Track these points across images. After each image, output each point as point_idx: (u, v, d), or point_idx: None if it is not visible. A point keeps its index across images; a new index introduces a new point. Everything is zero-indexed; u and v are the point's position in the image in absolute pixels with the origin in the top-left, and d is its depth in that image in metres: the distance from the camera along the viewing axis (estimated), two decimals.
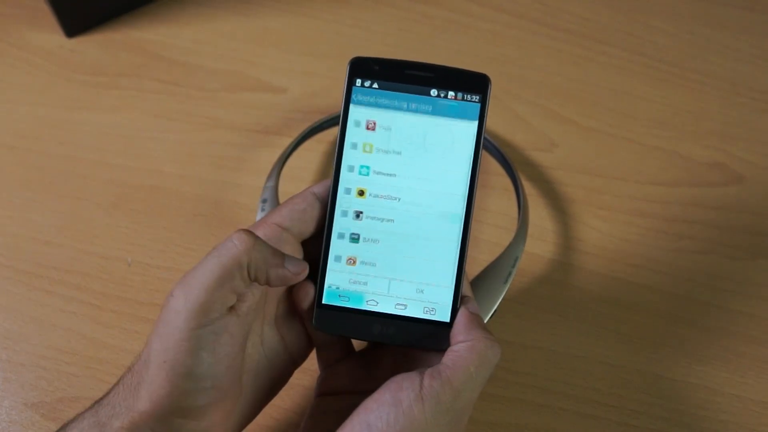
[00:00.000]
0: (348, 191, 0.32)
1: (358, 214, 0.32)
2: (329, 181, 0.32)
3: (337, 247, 0.32)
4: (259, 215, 0.41)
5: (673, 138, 0.51)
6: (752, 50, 0.56)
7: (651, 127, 0.51)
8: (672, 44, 0.56)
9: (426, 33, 0.55)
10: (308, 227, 0.32)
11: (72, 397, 0.39)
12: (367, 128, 0.32)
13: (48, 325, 0.41)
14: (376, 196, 0.32)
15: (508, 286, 0.40)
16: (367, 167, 0.32)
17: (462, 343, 0.29)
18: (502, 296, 0.39)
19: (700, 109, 0.53)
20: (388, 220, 0.32)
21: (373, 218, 0.32)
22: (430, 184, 0.32)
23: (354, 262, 0.32)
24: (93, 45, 0.53)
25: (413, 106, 0.32)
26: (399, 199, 0.32)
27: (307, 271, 0.31)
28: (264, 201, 0.42)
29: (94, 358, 0.40)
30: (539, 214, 0.47)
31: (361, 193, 0.32)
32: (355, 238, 0.32)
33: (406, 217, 0.32)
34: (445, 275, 0.32)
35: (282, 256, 0.30)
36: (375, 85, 0.32)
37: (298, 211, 0.31)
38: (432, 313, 0.31)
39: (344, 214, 0.32)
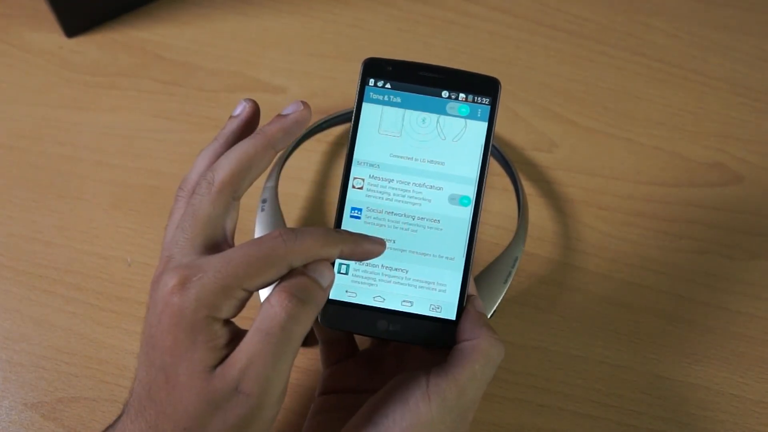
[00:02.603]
0: (358, 189, 0.32)
1: (366, 211, 0.32)
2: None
3: None
4: (259, 215, 0.41)
5: (673, 138, 0.51)
6: (752, 50, 0.56)
7: (651, 127, 0.51)
8: (672, 44, 0.56)
9: (426, 33, 0.55)
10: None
11: (72, 397, 0.39)
12: (379, 127, 0.32)
13: (48, 325, 0.41)
14: (385, 194, 0.32)
15: (508, 286, 0.40)
16: (377, 165, 0.32)
17: (467, 342, 0.29)
18: (502, 296, 0.39)
19: (700, 109, 0.53)
20: (396, 219, 0.32)
21: (381, 216, 0.32)
22: (440, 184, 0.32)
23: None
24: (93, 45, 0.53)
25: (424, 106, 0.32)
26: (408, 198, 0.32)
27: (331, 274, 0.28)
28: (264, 201, 0.42)
29: (94, 358, 0.40)
30: (539, 214, 0.47)
31: (371, 191, 0.32)
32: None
33: (413, 215, 0.32)
34: (453, 274, 0.32)
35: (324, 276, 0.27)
36: (388, 85, 0.32)
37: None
38: (438, 310, 0.32)
39: (353, 210, 0.32)
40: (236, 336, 0.26)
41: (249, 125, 0.31)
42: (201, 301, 0.25)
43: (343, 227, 0.32)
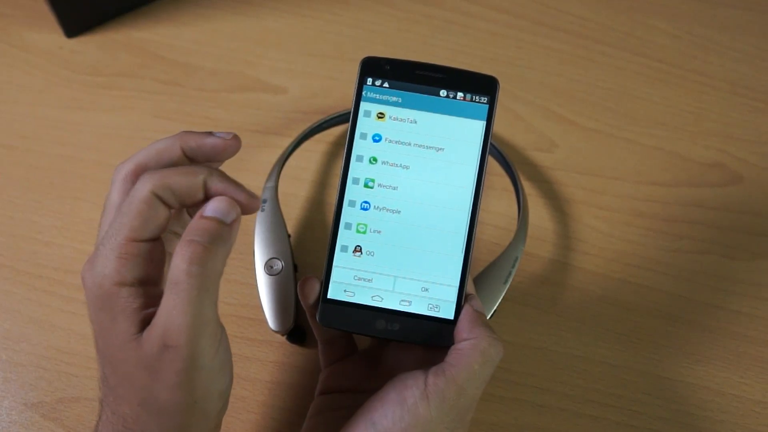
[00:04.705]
0: (356, 187, 0.32)
1: (365, 207, 0.32)
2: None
3: (344, 239, 0.32)
4: (259, 215, 0.41)
5: (673, 138, 0.51)
6: (752, 50, 0.56)
7: (651, 127, 0.51)
8: (672, 44, 0.56)
9: (425, 33, 0.55)
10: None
11: (72, 397, 0.39)
12: (377, 125, 0.32)
13: (48, 325, 0.41)
14: (383, 192, 0.32)
15: (507, 286, 0.40)
16: (376, 163, 0.32)
17: (465, 341, 0.30)
18: (502, 296, 0.39)
19: (700, 109, 0.53)
20: (394, 217, 0.32)
21: (380, 211, 0.32)
22: (438, 181, 0.32)
23: (360, 256, 0.32)
24: (93, 45, 0.53)
25: (422, 104, 0.32)
26: (406, 197, 0.32)
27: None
28: (264, 201, 0.42)
29: (94, 358, 0.40)
30: (539, 214, 0.47)
31: (369, 189, 0.32)
32: (361, 231, 0.32)
33: (412, 213, 0.32)
34: (451, 273, 0.32)
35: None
36: (386, 84, 0.32)
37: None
38: (436, 310, 0.32)
39: (352, 204, 0.32)
40: (154, 296, 0.27)
41: (213, 150, 0.30)
42: (104, 272, 0.26)
43: (338, 242, 0.32)
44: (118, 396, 0.27)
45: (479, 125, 0.32)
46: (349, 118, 0.33)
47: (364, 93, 0.33)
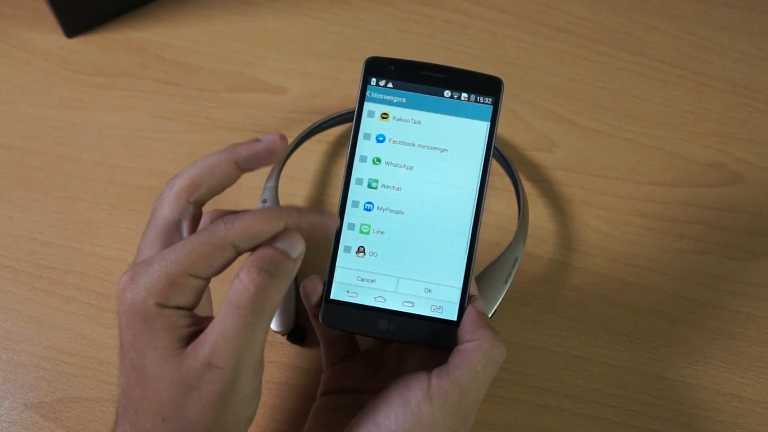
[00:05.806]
0: (360, 187, 0.32)
1: (368, 207, 0.32)
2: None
3: (347, 239, 0.32)
4: None
5: (673, 138, 0.51)
6: (752, 50, 0.56)
7: (651, 127, 0.51)
8: (672, 45, 0.56)
9: (426, 33, 0.55)
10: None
11: (72, 398, 0.39)
12: (381, 126, 0.32)
13: (48, 325, 0.41)
14: (386, 193, 0.32)
15: (508, 286, 0.40)
16: (379, 164, 0.32)
17: (468, 343, 0.30)
18: (502, 296, 0.39)
19: (700, 109, 0.53)
20: (397, 218, 0.32)
21: (383, 212, 0.32)
22: (441, 182, 0.32)
23: (363, 257, 0.32)
24: (93, 45, 0.53)
25: (426, 105, 0.32)
26: (409, 197, 0.32)
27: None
28: (264, 201, 0.42)
29: (94, 359, 0.40)
30: (539, 214, 0.47)
31: (372, 189, 0.32)
32: (365, 231, 0.32)
33: (416, 214, 0.32)
34: (454, 274, 0.32)
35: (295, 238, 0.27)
36: (390, 84, 0.32)
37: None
38: (439, 311, 0.32)
39: (355, 205, 0.32)
40: (200, 322, 0.27)
41: (266, 153, 0.30)
42: (149, 291, 0.25)
43: (341, 242, 0.32)
44: (141, 410, 0.26)
45: (483, 126, 0.32)
46: (349, 117, 0.33)
47: (368, 93, 0.32)
